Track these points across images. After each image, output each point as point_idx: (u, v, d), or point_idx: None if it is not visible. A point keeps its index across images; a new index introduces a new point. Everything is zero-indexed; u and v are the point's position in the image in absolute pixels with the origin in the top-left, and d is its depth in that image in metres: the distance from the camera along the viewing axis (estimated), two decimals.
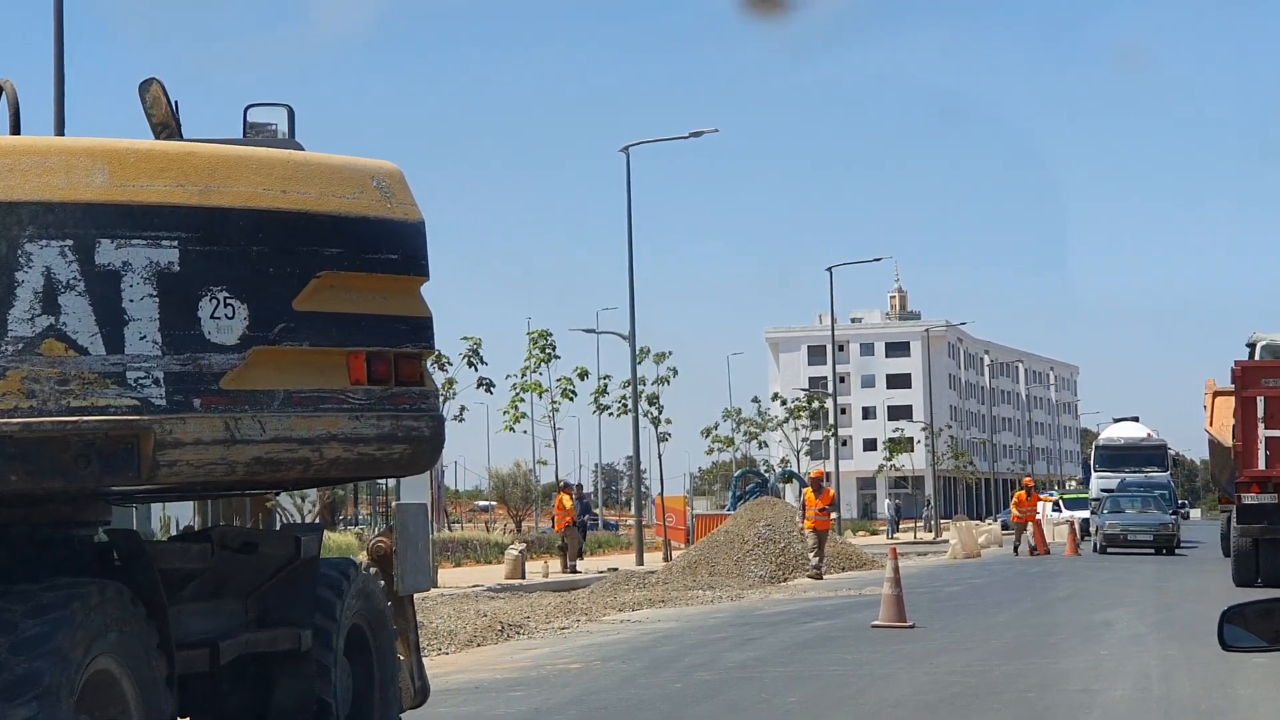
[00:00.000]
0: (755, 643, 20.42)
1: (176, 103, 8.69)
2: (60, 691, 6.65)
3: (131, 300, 6.72)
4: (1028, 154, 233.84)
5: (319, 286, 7.22)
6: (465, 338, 36.85)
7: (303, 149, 7.96)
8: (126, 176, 6.87)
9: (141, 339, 6.73)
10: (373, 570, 10.12)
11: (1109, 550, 44.97)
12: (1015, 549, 48.83)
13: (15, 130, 7.86)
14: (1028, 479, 67.79)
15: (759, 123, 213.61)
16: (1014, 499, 51.88)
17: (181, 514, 14.85)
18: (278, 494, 10.57)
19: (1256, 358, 31.58)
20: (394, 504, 10.85)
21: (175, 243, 6.84)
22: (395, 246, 7.62)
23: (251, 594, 8.83)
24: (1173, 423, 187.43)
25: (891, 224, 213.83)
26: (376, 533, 11.13)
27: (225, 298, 6.91)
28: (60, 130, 21.40)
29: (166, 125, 8.31)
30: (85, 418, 6.63)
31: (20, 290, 6.54)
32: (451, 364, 36.82)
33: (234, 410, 6.91)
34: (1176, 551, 44.55)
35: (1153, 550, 43.93)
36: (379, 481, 48.75)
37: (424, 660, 13.71)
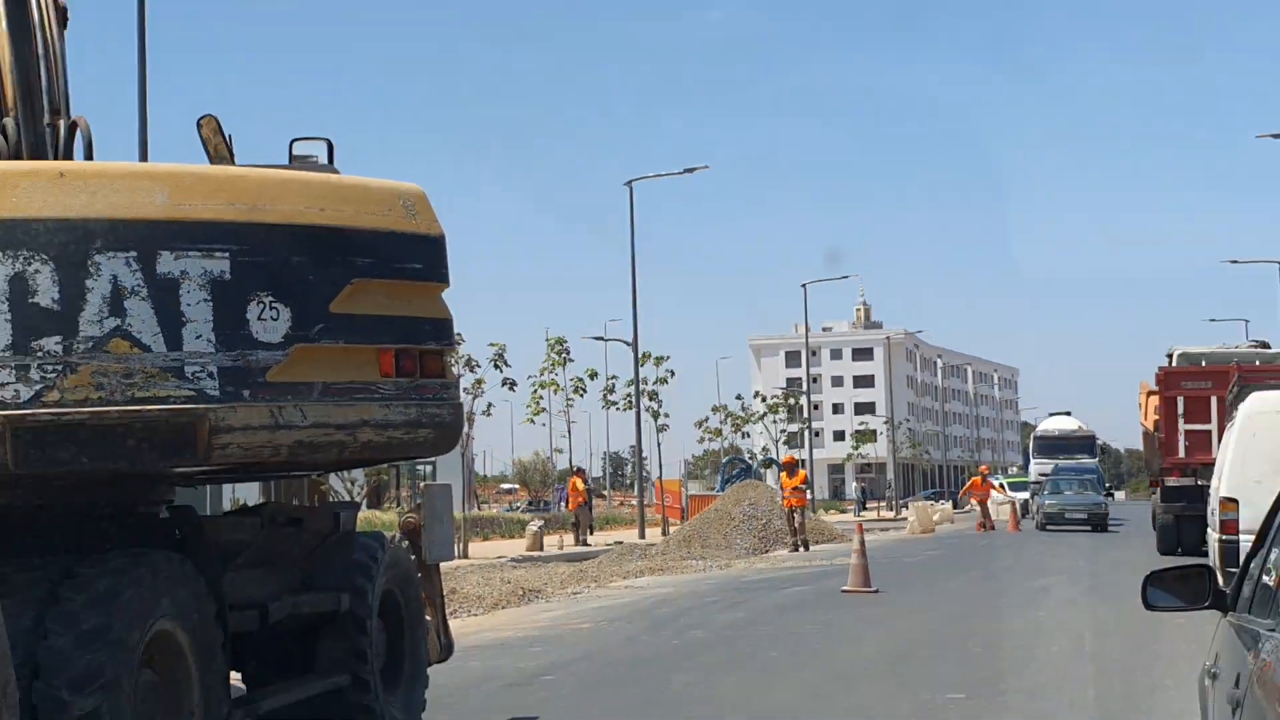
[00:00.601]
0: (741, 606, 20.38)
1: (230, 136, 8.62)
2: (125, 644, 6.57)
3: (188, 304, 6.66)
4: (979, 179, 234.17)
5: (352, 292, 7.15)
6: (492, 344, 36.85)
7: (338, 172, 7.88)
8: (184, 197, 6.81)
9: (197, 338, 6.66)
10: (403, 543, 10.03)
11: (1048, 527, 44.75)
12: (981, 524, 48.30)
13: (89, 158, 7.79)
14: (984, 467, 68.04)
15: (747, 160, 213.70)
16: (969, 483, 51.83)
17: (249, 494, 14.79)
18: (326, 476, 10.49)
19: (1172, 365, 31.99)
20: (423, 486, 10.68)
21: (226, 254, 6.77)
22: (419, 257, 7.53)
23: (298, 562, 8.73)
24: (1101, 417, 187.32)
25: (859, 244, 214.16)
26: (406, 509, 11.00)
27: (270, 302, 6.85)
28: (144, 154, 21.35)
29: (222, 157, 8.24)
30: (148, 407, 6.55)
31: (90, 296, 6.46)
32: (480, 366, 36.87)
33: (278, 400, 6.85)
34: (1108, 529, 44.40)
35: (1087, 527, 43.71)
36: (417, 467, 48.93)
37: (453, 621, 13.65)
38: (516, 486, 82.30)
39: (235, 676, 8.71)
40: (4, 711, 5.90)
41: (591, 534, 41.77)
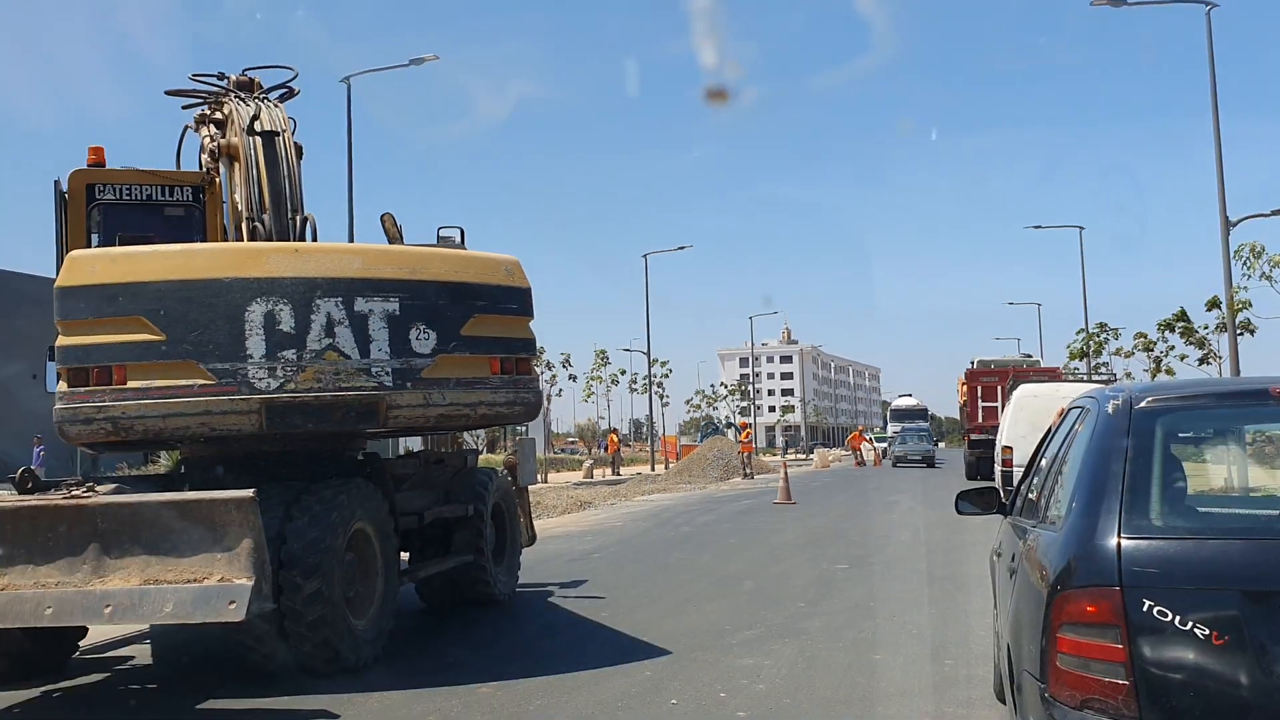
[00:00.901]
0: (713, 511, 20.19)
1: (402, 226, 8.54)
2: (337, 530, 6.56)
3: (374, 330, 6.65)
4: (853, 250, 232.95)
5: (475, 322, 7.11)
6: (562, 353, 36.92)
7: (465, 248, 7.83)
8: (371, 264, 6.81)
9: (379, 351, 6.65)
10: (506, 474, 9.98)
11: (898, 465, 44.10)
12: (857, 463, 48.13)
13: (314, 239, 7.78)
14: (860, 426, 67.56)
15: (718, 240, 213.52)
16: (851, 437, 51.31)
17: (414, 444, 14.67)
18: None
19: (974, 367, 33.22)
20: (516, 439, 10.58)
21: (397, 299, 6.74)
22: (514, 300, 7.44)
23: (443, 486, 8.67)
24: (930, 396, 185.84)
25: (784, 289, 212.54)
26: (508, 453, 10.91)
27: (424, 328, 6.82)
28: (351, 234, 21.23)
29: (394, 238, 8.20)
30: (349, 393, 6.56)
31: (313, 324, 6.49)
32: (554, 366, 36.89)
33: (428, 389, 6.82)
34: (935, 466, 43.83)
35: (923, 465, 43.08)
36: (516, 428, 48.81)
37: (537, 522, 13.53)
38: (577, 440, 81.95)
39: (404, 556, 8.70)
40: (264, 581, 5.91)
41: (622, 469, 41.63)
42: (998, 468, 18.54)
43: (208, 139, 8.19)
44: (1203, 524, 3.41)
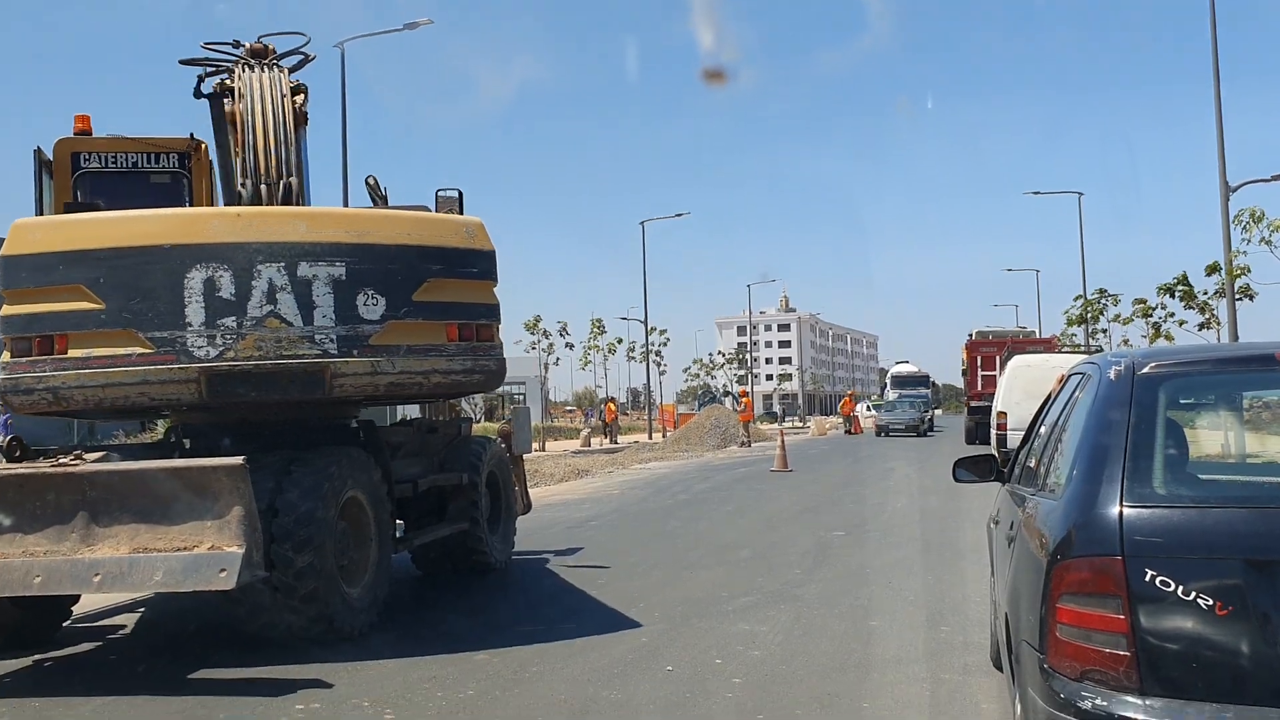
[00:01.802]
0: (709, 480, 20.17)
1: (386, 188, 8.39)
2: (329, 500, 6.48)
3: (318, 295, 6.48)
4: (852, 223, 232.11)
5: (430, 287, 6.86)
6: (560, 321, 36.75)
7: (463, 213, 7.62)
8: (316, 227, 6.62)
9: (323, 317, 6.49)
10: (500, 442, 9.91)
11: (881, 435, 40.83)
12: (848, 431, 47.58)
13: (301, 203, 7.50)
14: (851, 392, 67.28)
15: (717, 210, 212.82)
16: (842, 403, 50.90)
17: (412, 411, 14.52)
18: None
19: (973, 338, 34.36)
20: (512, 407, 10.45)
21: (343, 264, 6.55)
22: (475, 264, 7.14)
23: (439, 454, 8.59)
24: (930, 363, 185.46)
25: (784, 258, 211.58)
26: (503, 421, 10.85)
27: (372, 294, 6.62)
28: (345, 198, 20.43)
29: (379, 203, 8.06)
30: (291, 361, 6.45)
31: (254, 291, 6.36)
32: (550, 334, 36.73)
33: (376, 356, 6.63)
34: (930, 433, 42.70)
35: (912, 434, 40.62)
36: (516, 394, 48.64)
37: (533, 489, 13.48)
38: (574, 408, 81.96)
39: (399, 524, 8.65)
40: (255, 549, 5.86)
41: (619, 437, 41.63)
42: (994, 431, 19.39)
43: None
44: (1206, 492, 3.33)
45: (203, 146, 8.29)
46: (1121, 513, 2.99)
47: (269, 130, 7.36)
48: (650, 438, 42.70)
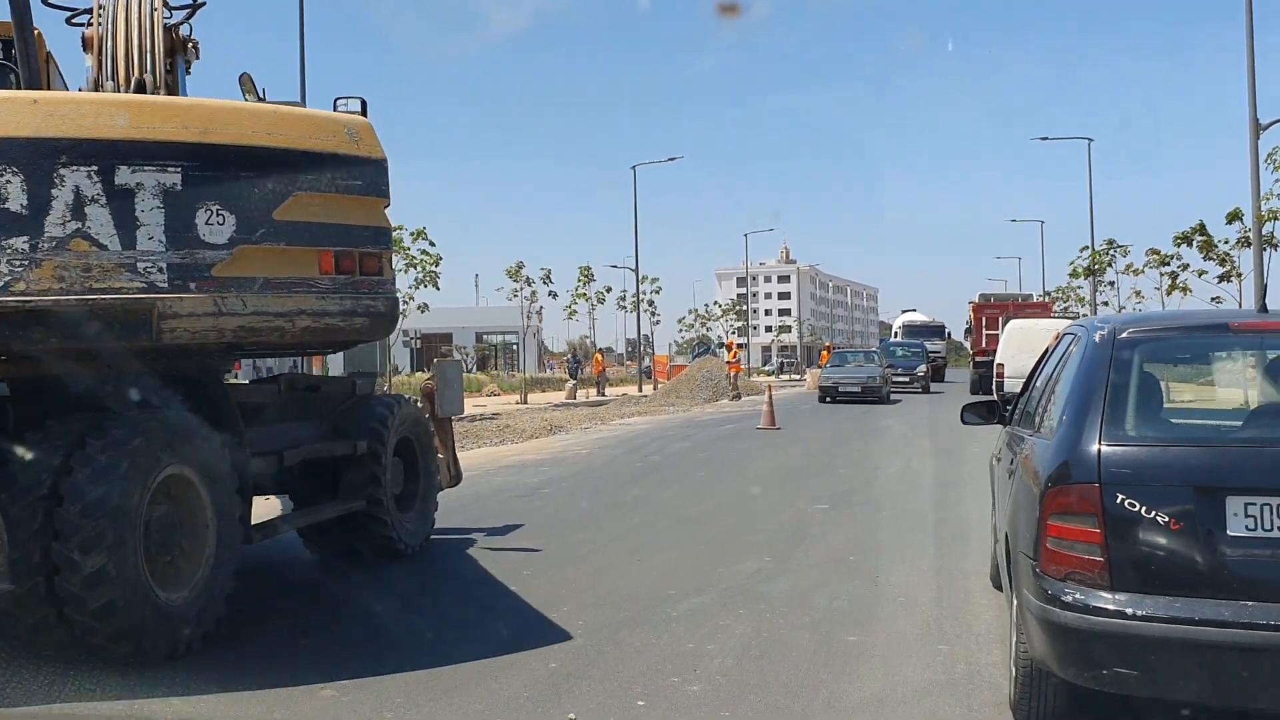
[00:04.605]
0: (689, 438, 18.54)
1: (264, 89, 6.75)
2: (130, 487, 4.89)
3: (142, 211, 4.90)
4: (859, 168, 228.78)
5: (295, 202, 5.37)
6: (542, 268, 35.01)
7: (301, 105, 6.06)
8: (142, 120, 5.00)
9: (149, 239, 4.92)
10: (419, 402, 8.33)
11: (826, 400, 34.07)
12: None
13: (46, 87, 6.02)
14: (829, 344, 65.35)
15: (716, 153, 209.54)
16: (821, 357, 48.65)
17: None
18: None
19: (978, 300, 36.93)
20: (436, 360, 8.82)
21: (178, 169, 5.00)
22: (360, 176, 5.67)
23: (328, 418, 6.98)
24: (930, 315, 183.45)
25: (785, 206, 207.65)
26: (426, 378, 9.24)
27: (217, 209, 5.09)
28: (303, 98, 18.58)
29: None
30: (104, 296, 4.78)
31: (55, 203, 4.68)
32: (534, 282, 35.10)
33: (222, 291, 5.10)
34: (890, 401, 38.51)
35: (870, 400, 36.43)
36: (512, 343, 46.78)
37: (499, 448, 11.98)
38: (569, 356, 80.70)
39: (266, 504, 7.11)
40: None
41: (608, 389, 40.20)
42: (996, 380, 22.57)
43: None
44: (1167, 434, 3.93)
45: (44, 42, 6.67)
46: (1100, 450, 3.61)
47: (130, 36, 5.93)
48: (640, 390, 41.22)
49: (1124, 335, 3.98)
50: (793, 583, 6.83)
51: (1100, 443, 3.60)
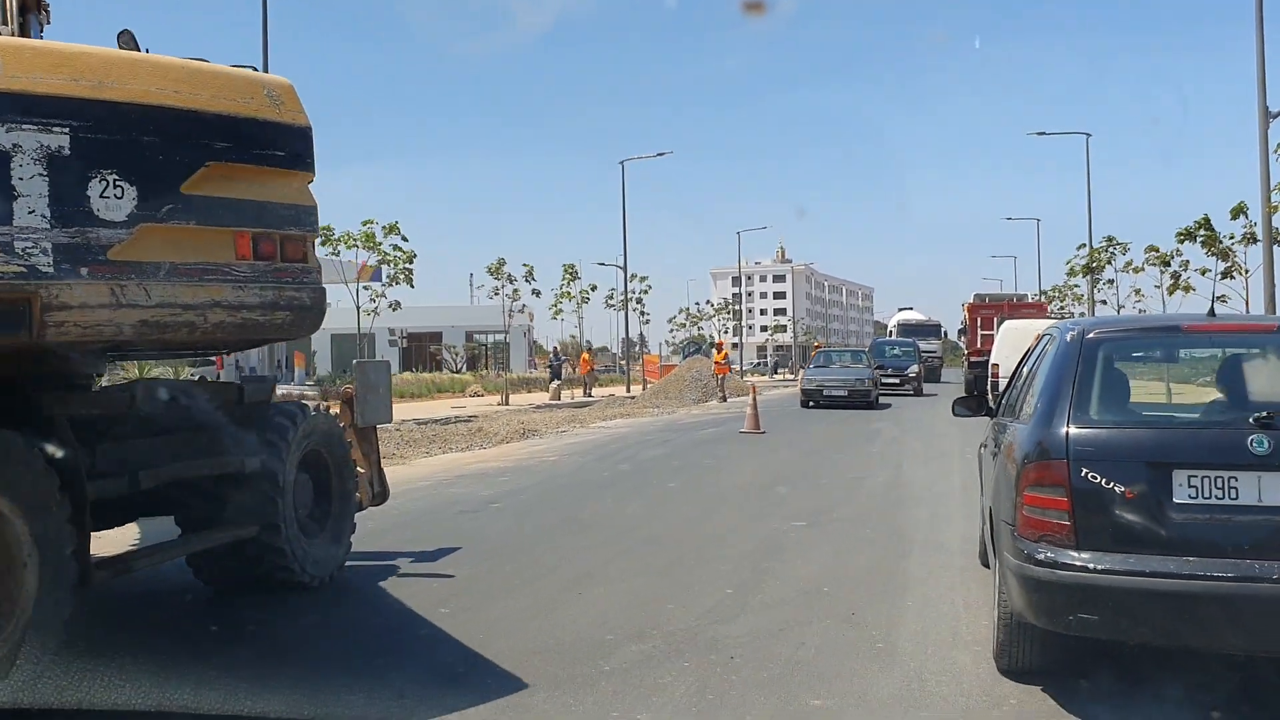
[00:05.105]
0: (667, 444, 17.45)
1: (148, 49, 5.77)
2: None
3: (20, 179, 3.99)
4: (860, 167, 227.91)
5: (207, 175, 4.53)
6: (524, 264, 34.01)
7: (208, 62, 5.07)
8: (21, 69, 4.09)
9: (30, 213, 4.01)
10: (334, 410, 7.32)
11: (809, 405, 33.85)
12: None
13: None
14: (817, 343, 64.48)
15: (709, 147, 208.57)
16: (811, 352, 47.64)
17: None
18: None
19: (972, 301, 36.20)
20: (357, 362, 7.78)
21: (66, 129, 4.11)
22: (282, 146, 4.87)
23: (198, 431, 5.94)
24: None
25: (782, 200, 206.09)
26: (345, 384, 8.22)
27: (115, 179, 4.23)
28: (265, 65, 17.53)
29: None
30: None
31: None
32: (515, 279, 34.13)
33: (120, 278, 4.22)
34: (877, 405, 38.80)
35: (857, 406, 38.12)
36: (511, 339, 45.66)
37: (465, 454, 10.91)
38: (551, 355, 79.82)
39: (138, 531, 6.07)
40: None
41: (595, 390, 39.20)
42: (990, 380, 22.58)
43: None
44: (1126, 418, 4.57)
45: None
46: (1068, 432, 4.24)
47: None
48: (628, 391, 40.19)
49: (1090, 335, 4.64)
50: (754, 624, 5.83)
51: (1069, 426, 4.24)
